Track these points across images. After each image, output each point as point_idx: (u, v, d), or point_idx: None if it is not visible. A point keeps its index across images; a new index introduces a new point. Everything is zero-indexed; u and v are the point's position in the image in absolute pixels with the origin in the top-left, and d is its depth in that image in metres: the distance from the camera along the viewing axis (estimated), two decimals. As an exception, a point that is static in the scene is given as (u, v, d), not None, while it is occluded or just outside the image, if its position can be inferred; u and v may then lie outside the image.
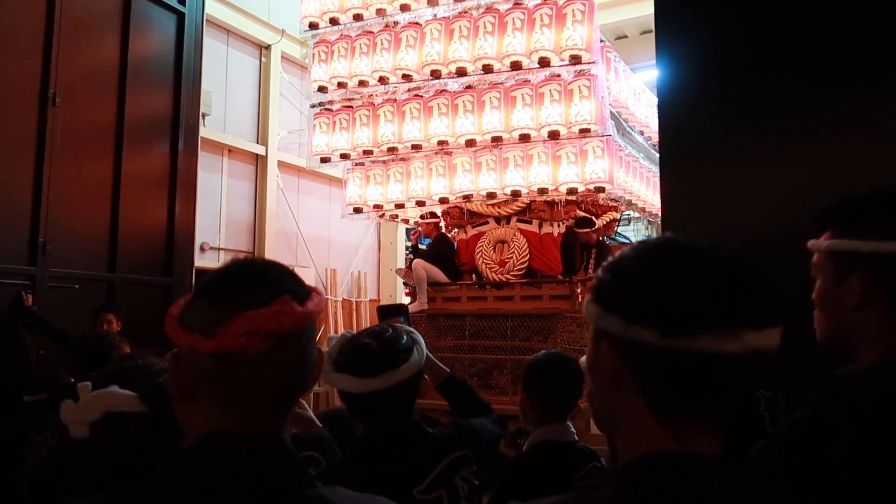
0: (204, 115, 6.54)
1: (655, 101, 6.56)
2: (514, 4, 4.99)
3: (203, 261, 6.43)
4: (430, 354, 1.74)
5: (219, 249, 6.84)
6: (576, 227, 5.43)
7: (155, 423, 1.10)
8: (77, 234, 4.65)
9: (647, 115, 6.11)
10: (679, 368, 0.66)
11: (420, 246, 6.31)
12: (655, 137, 6.29)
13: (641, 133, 6.05)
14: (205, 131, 6.45)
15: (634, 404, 0.70)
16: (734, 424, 0.71)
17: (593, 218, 5.60)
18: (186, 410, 0.76)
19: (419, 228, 6.37)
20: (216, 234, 6.86)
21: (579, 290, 5.06)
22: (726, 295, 0.66)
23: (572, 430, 1.80)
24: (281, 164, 7.57)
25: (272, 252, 7.28)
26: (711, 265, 0.68)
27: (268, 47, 7.61)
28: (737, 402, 0.69)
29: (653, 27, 8.01)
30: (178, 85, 5.64)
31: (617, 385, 0.71)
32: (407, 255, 8.20)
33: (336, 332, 7.85)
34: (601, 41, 5.04)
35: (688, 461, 0.67)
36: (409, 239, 7.99)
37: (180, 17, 5.72)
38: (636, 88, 5.98)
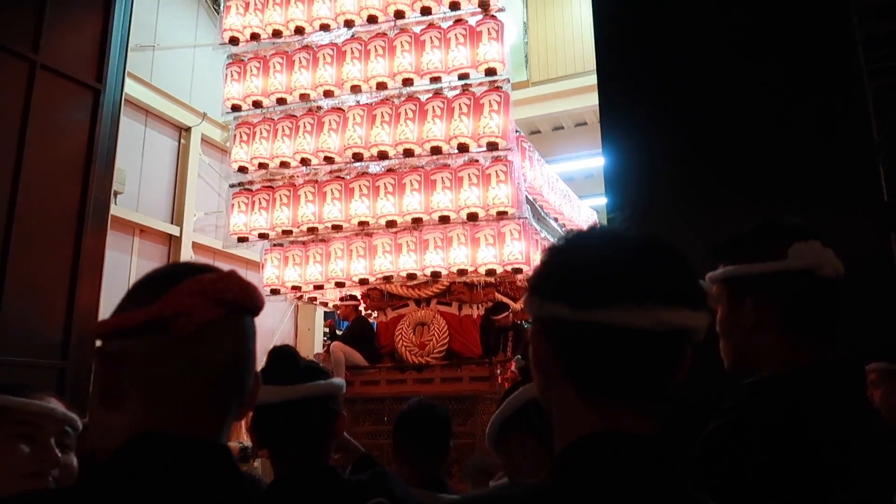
0: (116, 194, 6.35)
1: (568, 190, 6.91)
2: (434, 94, 5.21)
3: (105, 344, 6.04)
4: (347, 435, 1.69)
5: (123, 333, 6.49)
6: (491, 313, 5.50)
7: None
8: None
9: (560, 203, 6.39)
10: (593, 343, 0.67)
11: (337, 331, 6.19)
12: (570, 224, 6.57)
13: (556, 220, 6.30)
14: (115, 209, 6.24)
15: (563, 389, 0.70)
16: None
17: (508, 302, 5.69)
18: (105, 416, 0.66)
19: (338, 313, 6.28)
20: (121, 317, 6.51)
21: (498, 372, 5.06)
22: (635, 270, 0.68)
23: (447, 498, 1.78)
24: (195, 246, 7.38)
25: (181, 336, 6.96)
26: (624, 244, 0.70)
27: (188, 129, 7.58)
28: (665, 381, 0.69)
29: (563, 125, 8.55)
30: (90, 161, 5.48)
31: (546, 371, 0.71)
32: (325, 340, 8.01)
33: (247, 422, 7.46)
34: (517, 132, 5.31)
35: (617, 441, 0.67)
36: (326, 325, 7.84)
37: (96, 93, 5.63)
38: (550, 178, 6.27)
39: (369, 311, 5.90)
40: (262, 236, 5.70)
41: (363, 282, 5.48)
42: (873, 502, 0.89)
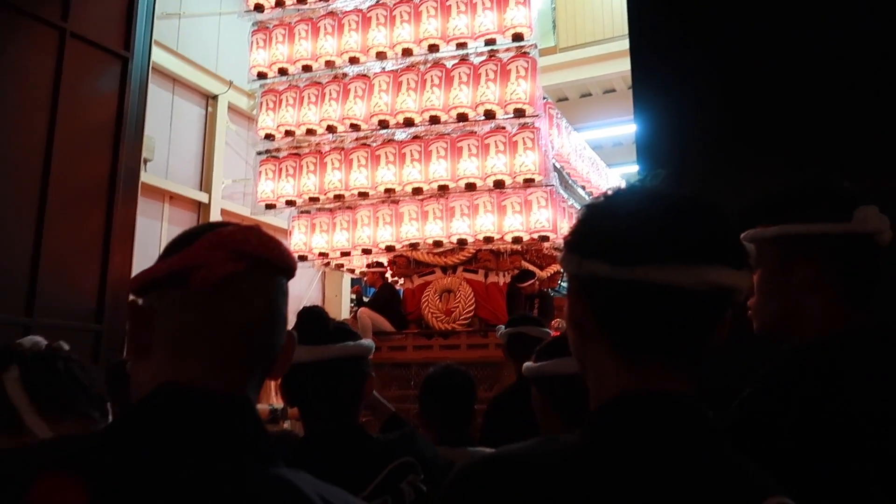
0: (146, 161, 6.43)
1: (596, 158, 6.83)
2: (461, 60, 5.15)
3: (138, 309, 6.18)
4: (376, 394, 1.72)
5: (155, 298, 6.62)
6: (516, 281, 5.50)
7: None
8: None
9: (588, 171, 6.32)
10: (632, 301, 0.67)
11: (364, 298, 6.24)
12: (596, 192, 6.51)
13: (583, 188, 6.24)
14: (146, 177, 6.32)
15: (599, 347, 0.70)
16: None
17: (535, 270, 5.68)
18: (141, 369, 0.67)
19: (365, 280, 6.33)
20: (153, 283, 6.64)
21: (524, 339, 5.07)
22: (676, 227, 0.67)
23: (476, 451, 1.82)
24: (224, 213, 7.46)
25: (211, 302, 7.08)
26: (665, 202, 0.69)
27: (214, 97, 7.61)
28: (704, 341, 0.69)
29: (591, 92, 8.38)
30: (120, 130, 5.53)
31: (582, 329, 0.71)
32: (352, 307, 8.09)
33: (277, 385, 7.61)
34: (544, 98, 5.24)
35: (653, 399, 0.67)
36: (353, 292, 7.91)
37: (124, 61, 5.66)
38: (577, 145, 6.20)
39: (396, 278, 5.94)
40: (290, 203, 5.74)
41: (389, 249, 5.50)
42: None
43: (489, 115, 5.01)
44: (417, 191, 5.22)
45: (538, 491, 0.62)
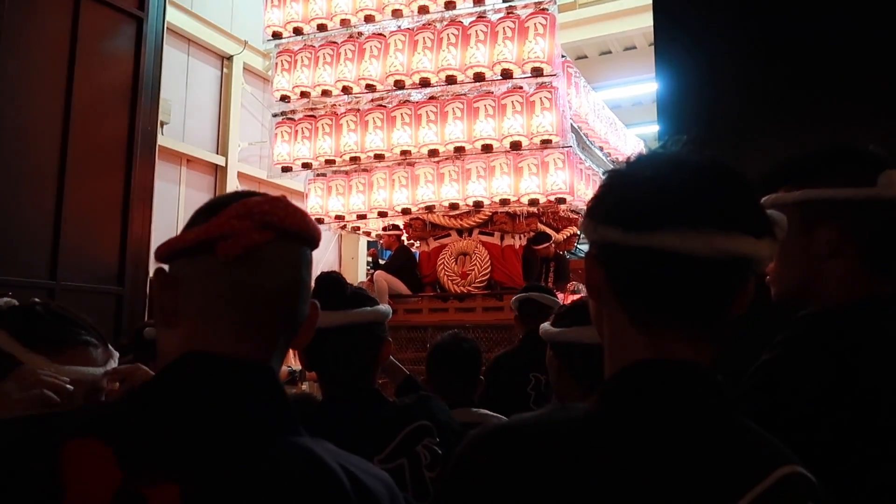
0: (162, 124, 6.43)
1: (615, 119, 6.71)
2: (478, 17, 5.05)
3: (158, 271, 6.26)
4: (392, 358, 1.73)
5: (175, 260, 6.69)
6: (532, 243, 5.47)
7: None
8: (14, 239, 4.47)
9: (606, 132, 6.22)
10: (645, 268, 0.66)
11: (380, 261, 6.27)
12: (615, 154, 6.41)
13: (601, 149, 6.15)
14: (163, 140, 6.33)
15: (615, 315, 0.70)
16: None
17: (551, 232, 5.65)
18: (166, 336, 0.68)
19: (381, 242, 6.35)
20: (172, 245, 6.70)
21: (540, 302, 5.07)
22: (691, 193, 0.65)
23: (484, 413, 1.84)
24: (241, 176, 7.47)
25: (230, 264, 7.15)
26: (684, 167, 0.67)
27: (230, 58, 7.55)
28: (722, 311, 0.67)
29: (611, 49, 8.16)
30: (136, 92, 5.53)
31: (599, 296, 0.71)
32: (368, 269, 8.14)
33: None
34: (562, 57, 5.13)
35: (668, 368, 0.66)
36: (369, 254, 7.94)
37: (139, 22, 5.63)
38: (596, 105, 6.09)
39: (412, 241, 5.94)
40: (306, 166, 5.73)
41: (405, 211, 5.49)
42: None
43: (506, 74, 4.93)
44: (433, 152, 5.18)
45: (550, 460, 0.62)
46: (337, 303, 1.34)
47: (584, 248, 9.92)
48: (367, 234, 6.68)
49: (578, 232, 6.47)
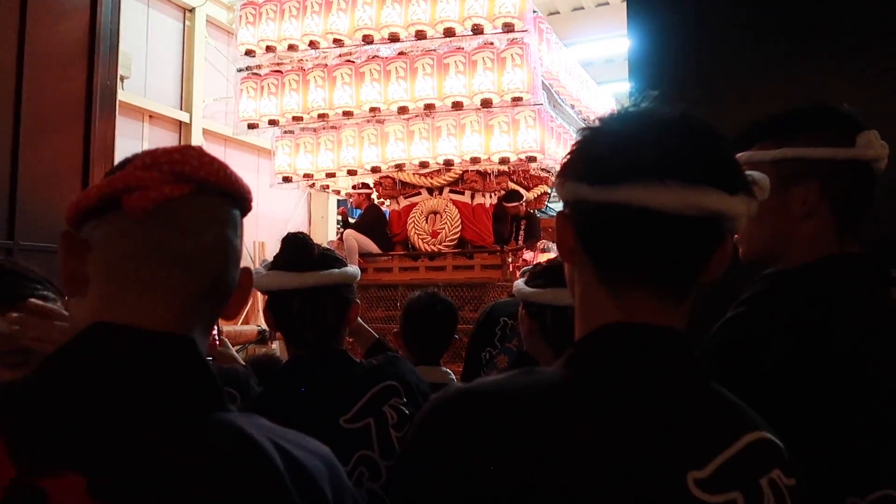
0: (123, 79, 6.21)
1: (586, 77, 6.66)
2: (448, -29, 4.92)
3: (122, 231, 6.14)
4: (360, 321, 1.72)
5: (139, 220, 6.55)
6: (504, 201, 5.47)
7: None
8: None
9: (577, 90, 6.18)
10: (612, 225, 0.64)
11: (350, 219, 6.21)
12: (586, 112, 6.39)
13: (572, 107, 6.12)
14: (123, 95, 6.13)
15: (586, 275, 0.68)
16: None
17: (522, 191, 5.64)
18: (78, 307, 0.61)
19: (350, 201, 6.28)
20: (136, 204, 6.55)
21: (510, 260, 5.10)
22: (659, 146, 0.62)
23: (448, 373, 1.86)
24: (206, 133, 7.29)
25: (197, 223, 7.02)
26: (651, 121, 0.65)
27: (192, 10, 7.28)
28: (694, 272, 0.66)
29: (584, 5, 8.02)
30: (94, 44, 5.31)
31: (570, 258, 0.69)
32: (338, 228, 8.07)
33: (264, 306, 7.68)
34: (534, 12, 5.05)
35: (636, 331, 0.65)
36: (339, 213, 7.86)
37: (94, -29, 5.37)
38: (567, 63, 6.03)
39: (382, 200, 5.89)
40: (272, 123, 5.60)
41: (375, 170, 5.43)
42: (891, 404, 0.87)
43: (477, 30, 4.84)
44: (403, 109, 5.10)
45: (515, 423, 0.61)
46: (304, 264, 1.32)
47: (556, 206, 9.96)
48: (337, 192, 6.61)
49: (549, 190, 6.48)
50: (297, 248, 1.35)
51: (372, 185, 5.86)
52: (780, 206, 0.97)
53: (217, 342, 1.80)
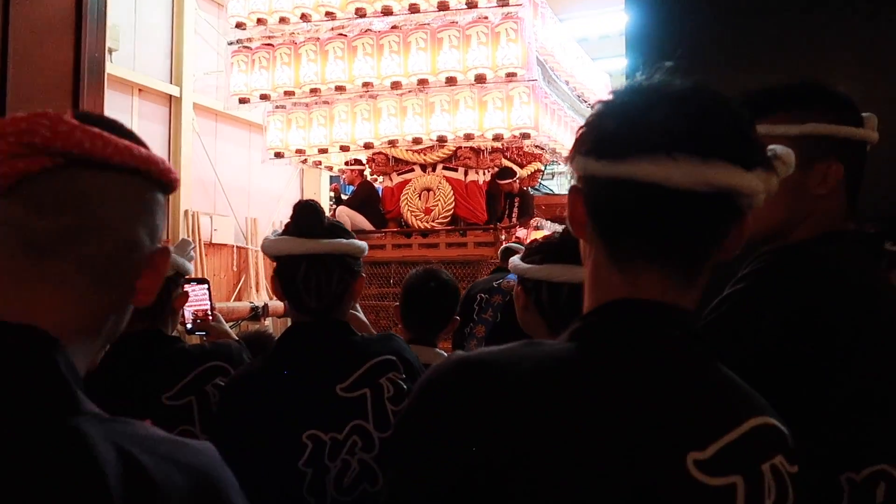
0: (111, 51, 6.11)
1: (581, 53, 6.60)
2: (442, -58, 4.84)
3: (112, 206, 6.08)
4: (363, 318, 1.73)
5: (130, 195, 6.48)
6: (497, 178, 5.44)
7: None
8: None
9: (572, 66, 6.12)
10: (620, 200, 0.62)
11: (342, 196, 6.18)
12: (580, 88, 6.34)
13: (567, 83, 6.07)
14: (112, 68, 6.03)
15: (597, 252, 0.67)
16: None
17: (515, 168, 5.61)
18: None
19: (343, 178, 6.24)
20: (126, 179, 6.48)
21: (503, 237, 5.09)
22: (666, 118, 0.60)
23: (440, 353, 1.86)
24: (197, 107, 7.20)
25: (188, 199, 6.97)
26: (661, 93, 0.63)
27: (181, -19, 7.15)
28: (706, 250, 0.64)
29: (580, -22, 7.79)
30: (80, 16, 5.21)
31: (581, 233, 0.68)
32: (331, 205, 8.05)
33: (257, 283, 7.67)
34: (529, -15, 4.98)
35: (643, 307, 0.63)
36: (331, 189, 7.81)
37: (81, -61, 5.25)
38: (563, 38, 5.96)
39: (374, 176, 5.86)
40: (264, 97, 5.53)
41: (368, 146, 5.39)
42: (884, 380, 0.87)
43: (471, 3, 4.78)
44: (396, 85, 5.05)
45: (516, 392, 0.60)
46: (314, 231, 1.34)
47: (548, 183, 9.94)
48: (329, 168, 6.56)
49: (543, 167, 6.45)
50: (307, 215, 1.37)
51: (365, 162, 5.82)
52: (798, 183, 0.94)
53: (210, 317, 1.79)
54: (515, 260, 1.45)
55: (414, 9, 4.90)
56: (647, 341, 0.63)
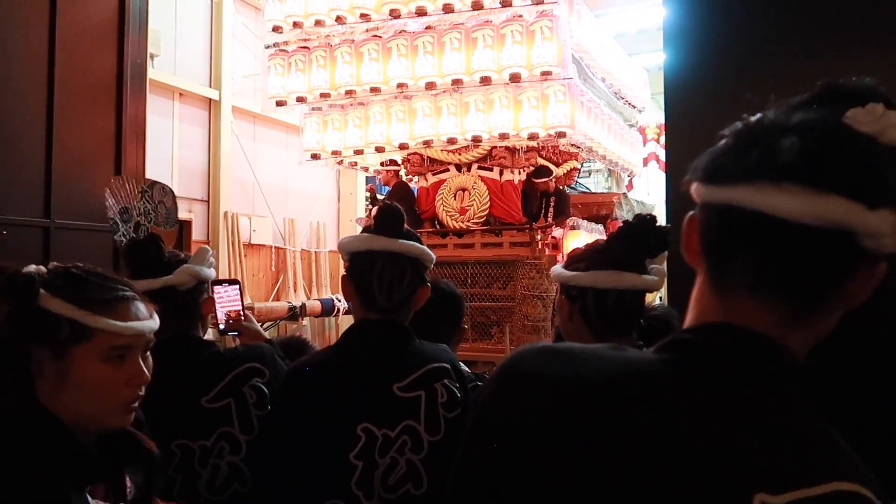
0: (153, 57, 6.24)
1: (618, 49, 6.51)
2: (476, -59, 4.82)
3: (155, 209, 6.21)
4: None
5: (171, 197, 6.62)
6: (533, 176, 5.40)
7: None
8: (7, 179, 4.40)
9: (609, 63, 6.04)
10: (727, 224, 0.60)
11: (378, 196, 6.20)
12: (617, 85, 6.25)
13: (603, 80, 5.99)
14: (153, 73, 6.17)
15: (702, 276, 0.65)
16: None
17: (551, 167, 5.56)
18: None
19: (379, 178, 6.27)
20: (168, 181, 6.61)
21: (539, 238, 5.05)
22: (779, 145, 0.57)
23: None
24: (235, 110, 7.32)
25: (227, 200, 7.09)
26: (784, 123, 0.60)
27: (219, -14, 7.27)
28: (819, 290, 0.59)
29: (616, -26, 7.71)
30: (123, 23, 5.34)
31: (696, 259, 0.66)
32: (367, 205, 8.09)
33: (295, 283, 7.76)
34: (564, -18, 4.92)
35: (737, 333, 0.60)
36: (367, 190, 7.86)
37: (122, -51, 5.38)
38: (599, 35, 5.89)
39: (410, 176, 5.87)
40: (300, 100, 5.59)
41: (403, 146, 5.40)
42: None
43: (505, 2, 4.75)
44: (430, 85, 5.04)
45: (596, 391, 0.59)
46: (393, 232, 1.43)
47: (585, 181, 9.81)
48: (365, 169, 6.60)
49: (579, 165, 6.38)
50: (389, 216, 1.45)
51: (400, 162, 5.83)
52: None
53: (242, 317, 1.81)
54: (558, 269, 1.46)
55: (448, 9, 4.89)
56: (735, 369, 0.60)
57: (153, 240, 1.59)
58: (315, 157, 5.82)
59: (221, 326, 1.82)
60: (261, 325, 6.55)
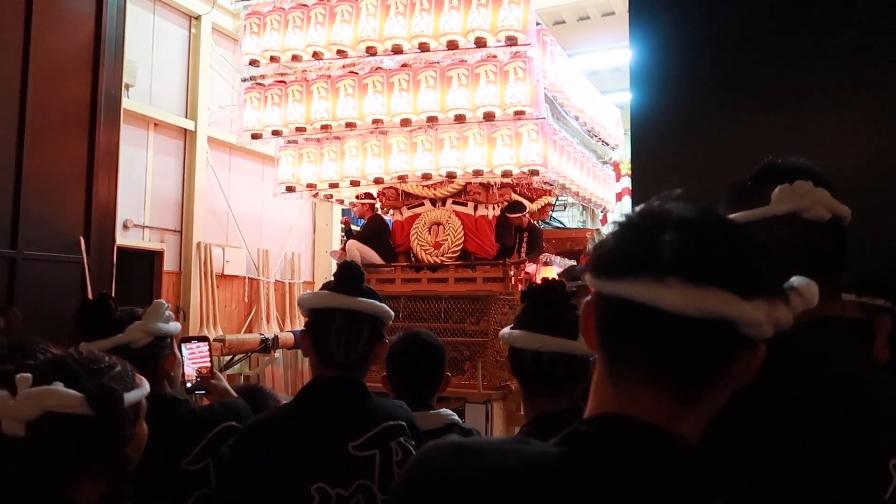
0: (128, 87, 6.22)
1: (590, 88, 6.64)
2: (452, -18, 4.92)
3: (126, 239, 6.15)
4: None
5: (143, 227, 6.56)
6: (507, 211, 5.46)
7: (97, 427, 1.02)
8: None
9: (582, 101, 6.16)
10: (617, 316, 0.63)
11: (353, 228, 6.21)
12: (590, 123, 6.37)
13: (576, 118, 6.10)
14: (128, 103, 6.14)
15: (599, 364, 0.67)
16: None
17: (524, 202, 5.63)
18: None
19: (354, 211, 6.28)
20: (140, 211, 6.56)
21: (512, 273, 5.09)
22: (662, 241, 0.60)
23: (448, 415, 1.85)
24: (211, 140, 7.30)
25: (201, 230, 7.03)
26: (665, 216, 0.63)
27: (198, 18, 7.30)
28: (704, 378, 0.62)
29: (589, 14, 7.97)
30: (98, 52, 5.32)
31: (594, 344, 0.68)
32: (342, 237, 8.08)
33: (268, 315, 7.68)
34: (538, 24, 5.04)
35: (630, 425, 0.63)
36: (342, 222, 7.86)
37: (100, -19, 5.38)
38: (572, 73, 6.02)
39: (385, 210, 5.89)
40: (276, 133, 5.61)
41: (378, 181, 5.43)
42: None
43: (480, 42, 4.83)
44: (406, 122, 5.10)
45: (498, 489, 0.61)
46: (353, 289, 1.43)
47: (560, 215, 9.92)
48: (341, 202, 6.61)
49: (552, 201, 6.46)
50: (349, 274, 1.46)
51: (375, 196, 5.86)
52: None
53: (211, 375, 1.79)
54: (505, 331, 1.49)
55: (424, 47, 4.97)
56: (626, 460, 0.62)
57: (103, 299, 1.56)
58: (290, 189, 5.82)
59: (188, 385, 1.78)
60: (231, 358, 6.38)
